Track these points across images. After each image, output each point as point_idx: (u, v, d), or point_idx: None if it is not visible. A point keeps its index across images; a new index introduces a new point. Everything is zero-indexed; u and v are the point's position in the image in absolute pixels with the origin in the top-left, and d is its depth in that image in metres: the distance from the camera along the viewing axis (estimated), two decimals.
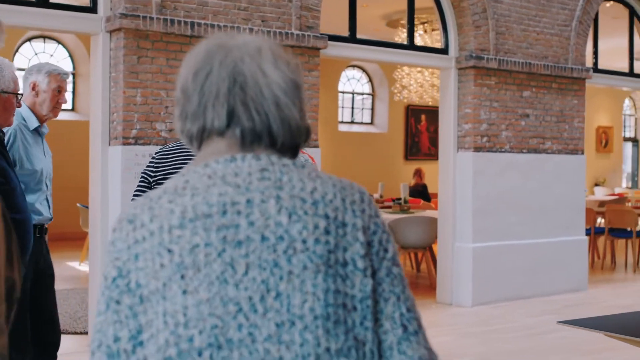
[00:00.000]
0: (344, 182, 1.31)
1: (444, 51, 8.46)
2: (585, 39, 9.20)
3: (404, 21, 12.91)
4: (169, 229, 1.20)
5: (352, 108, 17.37)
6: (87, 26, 6.35)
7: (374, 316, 1.24)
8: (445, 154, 8.47)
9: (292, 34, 6.99)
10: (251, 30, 6.75)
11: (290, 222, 1.21)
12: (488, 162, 8.35)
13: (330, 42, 7.37)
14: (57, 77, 4.00)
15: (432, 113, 17.71)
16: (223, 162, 1.26)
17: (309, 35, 7.08)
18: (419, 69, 13.23)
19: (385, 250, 1.29)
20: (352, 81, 17.33)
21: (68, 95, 13.86)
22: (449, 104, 8.44)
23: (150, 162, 3.16)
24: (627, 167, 21.94)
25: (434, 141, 17.93)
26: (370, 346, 1.22)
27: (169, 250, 1.19)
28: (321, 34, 7.22)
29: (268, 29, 6.86)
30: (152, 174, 3.11)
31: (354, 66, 17.00)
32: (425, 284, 9.57)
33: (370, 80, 17.49)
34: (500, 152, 8.48)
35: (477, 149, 8.29)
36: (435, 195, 14.16)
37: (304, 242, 1.21)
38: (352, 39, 7.80)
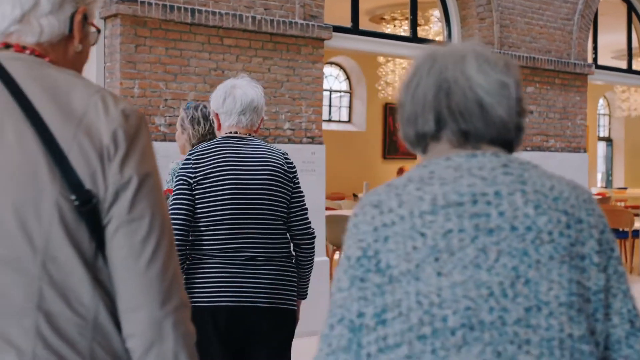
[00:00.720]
0: (572, 182, 1.38)
1: None
2: (587, 34, 8.95)
3: (388, 16, 12.64)
4: (419, 214, 1.27)
5: (330, 106, 16.98)
6: None
7: (604, 310, 1.30)
8: None
9: (295, 23, 6.57)
10: (253, 18, 6.32)
11: (536, 214, 1.28)
12: None
13: (333, 33, 6.98)
14: None
15: None
16: (465, 156, 1.35)
17: (313, 25, 6.68)
18: (404, 65, 12.90)
19: (612, 250, 1.35)
20: (329, 78, 16.91)
21: None
22: None
23: (186, 164, 3.04)
24: (601, 166, 21.93)
25: None
26: (597, 337, 1.29)
27: (422, 234, 1.26)
28: (325, 24, 6.82)
29: (271, 18, 6.44)
30: (192, 175, 2.99)
31: (330, 63, 16.61)
32: None
33: (348, 77, 17.12)
34: None
35: None
36: None
37: (550, 233, 1.27)
38: (354, 30, 7.41)
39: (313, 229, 3.22)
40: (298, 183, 3.12)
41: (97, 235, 1.30)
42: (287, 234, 3.11)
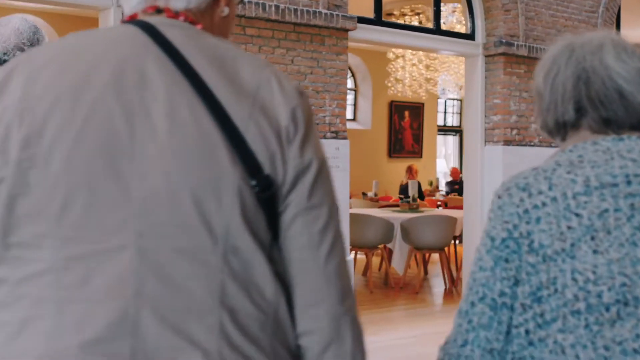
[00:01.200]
0: None
1: (470, 37, 7.85)
2: (611, 27, 8.70)
3: (397, 12, 12.38)
4: (573, 195, 1.30)
5: None
6: (103, 3, 5.59)
7: None
8: (472, 148, 7.87)
9: (319, 12, 6.30)
10: (277, 7, 6.04)
11: None
12: (518, 156, 7.76)
13: (357, 24, 6.71)
14: None
15: (415, 109, 17.16)
16: (611, 140, 1.38)
17: (337, 15, 6.40)
18: (414, 61, 12.66)
19: None
20: None
21: None
22: (476, 94, 7.83)
23: None
24: None
25: (417, 138, 17.38)
26: None
27: (577, 214, 1.29)
28: (350, 15, 6.55)
29: (295, 7, 6.16)
30: None
31: None
32: (439, 286, 8.98)
33: (353, 75, 16.85)
34: (530, 145, 7.90)
35: (507, 142, 7.70)
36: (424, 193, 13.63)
37: None
38: (378, 21, 7.14)
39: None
40: None
41: (273, 223, 1.16)
42: None
